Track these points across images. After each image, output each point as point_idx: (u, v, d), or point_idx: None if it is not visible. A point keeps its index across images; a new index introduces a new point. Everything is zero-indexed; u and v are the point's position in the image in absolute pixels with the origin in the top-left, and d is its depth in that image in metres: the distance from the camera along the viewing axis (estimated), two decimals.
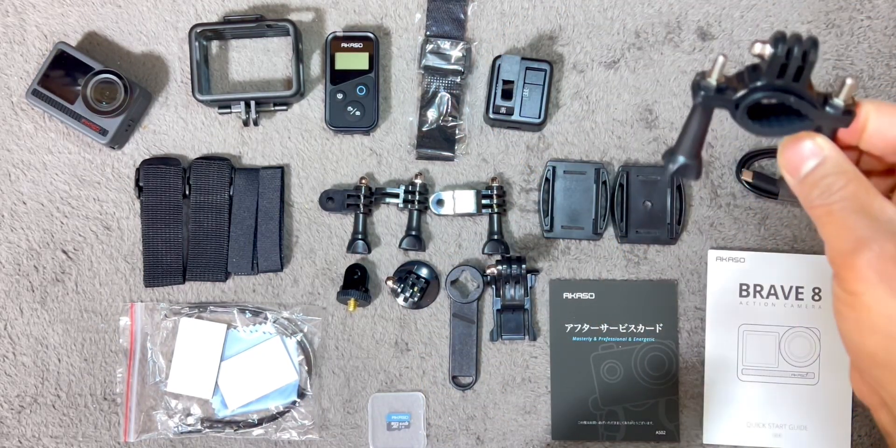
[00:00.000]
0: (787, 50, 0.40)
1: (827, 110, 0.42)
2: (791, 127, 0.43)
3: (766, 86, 0.41)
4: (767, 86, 0.41)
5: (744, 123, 0.43)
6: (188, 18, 0.86)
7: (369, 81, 0.85)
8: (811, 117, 0.42)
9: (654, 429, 0.83)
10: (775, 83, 0.41)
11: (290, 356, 0.84)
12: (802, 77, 0.41)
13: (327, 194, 0.85)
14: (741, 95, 0.42)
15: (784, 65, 0.40)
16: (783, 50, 0.40)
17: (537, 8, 0.86)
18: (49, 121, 0.86)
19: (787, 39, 0.40)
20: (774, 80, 0.41)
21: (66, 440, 0.84)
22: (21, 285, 0.85)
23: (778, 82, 0.41)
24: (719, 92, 0.42)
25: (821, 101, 0.42)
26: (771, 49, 0.40)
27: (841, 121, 0.42)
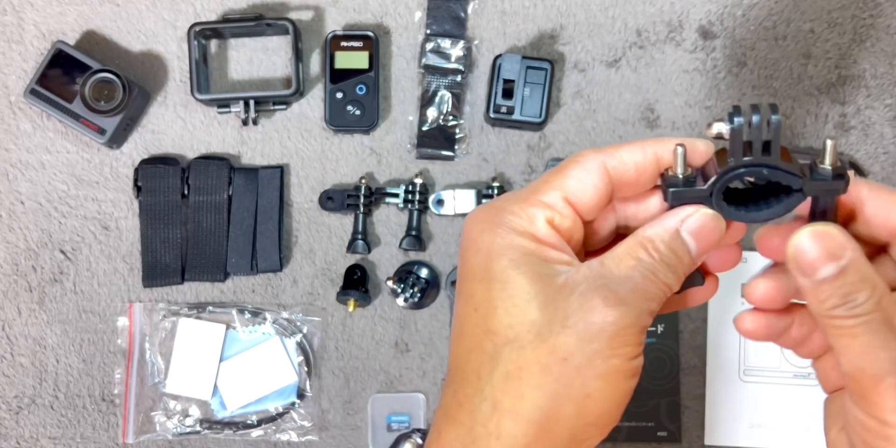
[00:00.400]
0: (748, 122, 0.36)
1: (815, 177, 0.37)
2: (783, 205, 0.38)
3: (736, 165, 0.37)
4: (737, 165, 0.37)
5: (726, 213, 0.38)
6: (187, 17, 0.86)
7: (369, 80, 0.84)
8: (799, 188, 0.37)
9: (655, 430, 0.83)
10: (743, 160, 0.37)
11: (289, 357, 0.84)
12: (773, 148, 0.36)
13: (327, 194, 0.84)
14: (713, 181, 0.37)
15: (748, 141, 0.36)
16: (741, 123, 0.36)
17: (538, 7, 0.86)
18: (47, 120, 0.86)
19: (744, 112, 0.36)
20: (742, 158, 0.37)
21: (65, 441, 0.84)
22: (19, 285, 0.85)
23: (748, 159, 0.37)
24: (688, 185, 0.38)
25: (806, 170, 0.37)
26: (728, 125, 0.36)
27: (834, 187, 0.37)
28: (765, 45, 0.85)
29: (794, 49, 0.85)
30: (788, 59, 0.85)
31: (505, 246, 0.37)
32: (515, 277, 0.37)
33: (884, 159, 0.85)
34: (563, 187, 0.39)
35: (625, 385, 0.36)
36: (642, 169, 0.39)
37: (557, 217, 0.38)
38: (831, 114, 0.85)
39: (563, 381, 0.35)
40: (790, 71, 0.85)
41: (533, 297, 0.36)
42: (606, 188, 0.39)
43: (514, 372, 0.36)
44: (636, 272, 0.36)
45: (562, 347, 0.35)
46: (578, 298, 0.36)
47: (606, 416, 0.36)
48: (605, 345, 0.35)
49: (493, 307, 0.37)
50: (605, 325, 0.35)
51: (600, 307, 0.35)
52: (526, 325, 0.36)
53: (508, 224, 0.38)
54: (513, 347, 0.36)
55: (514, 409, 0.35)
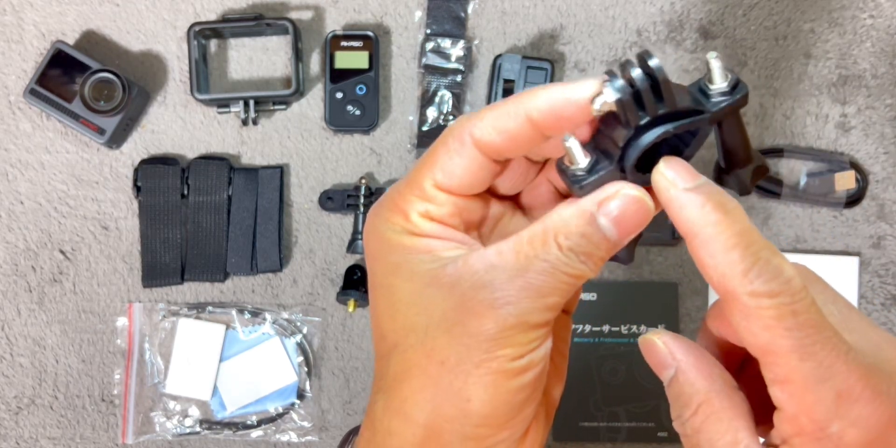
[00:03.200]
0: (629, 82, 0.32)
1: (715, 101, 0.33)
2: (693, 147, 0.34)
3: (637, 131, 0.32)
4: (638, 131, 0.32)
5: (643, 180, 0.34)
6: (187, 17, 0.86)
7: (369, 80, 0.84)
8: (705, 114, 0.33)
9: (656, 430, 0.83)
10: (641, 124, 0.32)
11: (289, 357, 0.83)
12: (664, 94, 0.32)
13: (327, 194, 0.84)
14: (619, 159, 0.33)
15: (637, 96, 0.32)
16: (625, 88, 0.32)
17: (538, 6, 0.86)
18: (47, 120, 0.85)
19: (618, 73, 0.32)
20: (640, 120, 0.32)
21: (64, 441, 0.84)
22: (18, 286, 0.85)
23: (644, 120, 0.32)
24: (593, 171, 0.33)
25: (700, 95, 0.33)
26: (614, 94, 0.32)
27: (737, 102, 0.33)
28: (765, 44, 0.85)
29: (795, 49, 0.85)
30: (789, 58, 0.85)
31: (383, 249, 0.36)
32: (395, 282, 0.35)
33: (884, 159, 0.85)
34: (432, 173, 0.35)
35: (507, 385, 0.33)
36: (513, 136, 0.34)
37: (433, 208, 0.35)
38: (832, 114, 0.85)
39: (442, 385, 0.34)
40: (791, 71, 0.85)
41: (413, 300, 0.34)
42: (480, 161, 0.35)
43: (399, 374, 0.35)
44: (533, 265, 0.33)
45: (438, 351, 0.34)
46: (459, 297, 0.33)
47: (496, 417, 0.34)
48: (481, 349, 0.33)
49: (379, 313, 0.36)
50: (481, 329, 0.33)
51: (478, 309, 0.33)
52: (407, 329, 0.35)
53: (384, 224, 0.36)
54: (397, 351, 0.35)
55: (400, 409, 0.35)
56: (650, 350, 0.36)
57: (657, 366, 0.36)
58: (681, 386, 0.34)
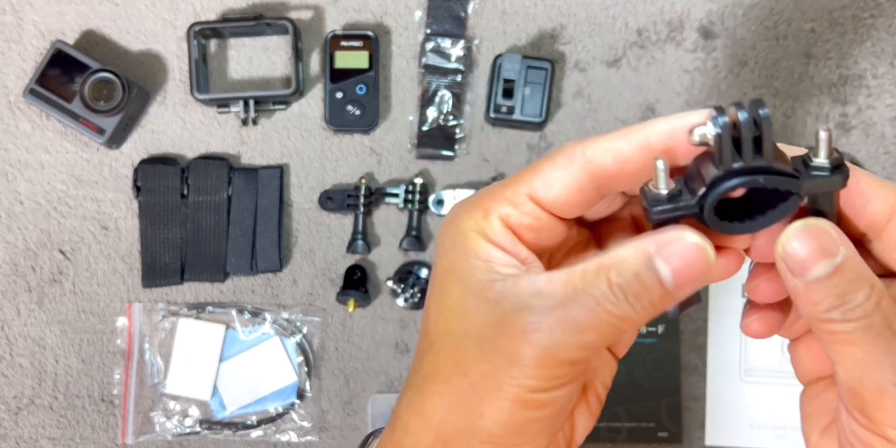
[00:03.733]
0: (733, 123, 0.31)
1: (812, 174, 0.32)
2: (780, 210, 0.33)
3: (725, 174, 0.32)
4: (727, 174, 0.32)
5: (720, 227, 0.33)
6: (187, 17, 0.86)
7: (369, 80, 0.84)
8: (796, 190, 0.33)
9: (656, 430, 0.83)
10: (734, 167, 0.32)
11: (289, 357, 0.83)
12: (765, 148, 0.31)
13: (327, 194, 0.84)
14: (701, 196, 0.32)
15: (736, 142, 0.31)
16: (727, 124, 0.31)
17: (538, 6, 0.86)
18: (46, 120, 0.85)
19: (728, 112, 0.31)
20: (732, 165, 0.32)
21: (64, 442, 0.84)
22: (18, 286, 0.85)
23: (737, 165, 0.32)
24: (672, 201, 0.33)
25: (801, 167, 0.33)
26: (714, 129, 0.31)
27: (834, 182, 0.33)
28: (766, 44, 0.85)
29: (795, 49, 0.85)
30: (789, 58, 0.85)
31: (451, 244, 0.35)
32: (448, 281, 0.35)
33: (885, 159, 0.85)
34: (531, 181, 0.35)
35: (522, 414, 0.33)
36: (626, 159, 0.34)
37: (514, 214, 0.35)
38: (832, 114, 0.85)
39: (460, 395, 0.33)
40: (791, 71, 0.85)
41: (457, 304, 0.34)
42: (582, 182, 0.34)
43: (429, 374, 0.35)
44: (577, 299, 0.32)
45: (465, 362, 0.33)
46: (498, 316, 0.33)
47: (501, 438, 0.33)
48: (505, 372, 0.32)
49: (429, 310, 0.36)
50: (509, 352, 0.32)
51: (513, 332, 0.32)
52: (445, 333, 0.34)
53: (464, 219, 0.35)
54: (432, 351, 0.35)
55: (420, 408, 0.35)
56: (803, 235, 0.32)
57: (809, 258, 0.32)
58: (849, 272, 0.32)
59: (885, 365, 0.32)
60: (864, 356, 0.32)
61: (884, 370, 0.32)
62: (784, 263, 0.32)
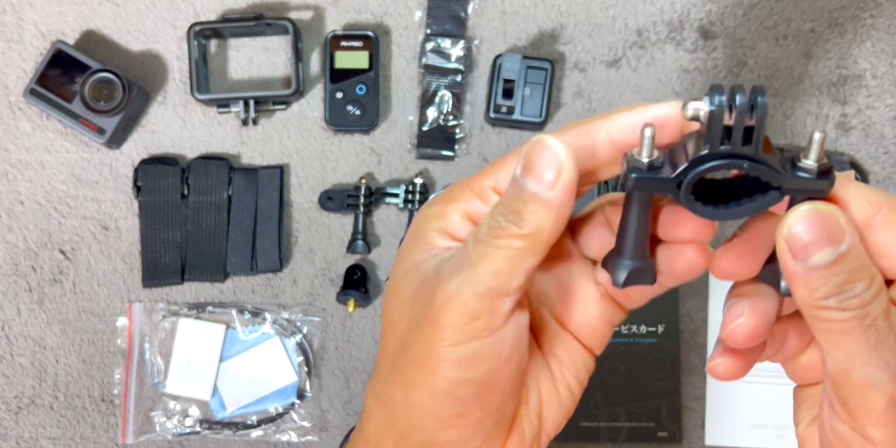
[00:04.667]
0: (729, 104, 0.31)
1: (797, 174, 0.32)
2: (757, 203, 0.33)
3: (710, 154, 0.31)
4: (711, 154, 0.31)
5: (692, 207, 0.32)
6: (187, 17, 0.86)
7: (369, 80, 0.84)
8: (778, 186, 0.32)
9: (656, 430, 0.83)
10: (720, 149, 0.31)
11: (289, 357, 0.83)
12: (755, 137, 0.31)
13: (327, 194, 0.84)
14: (681, 170, 0.32)
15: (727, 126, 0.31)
16: (722, 104, 0.31)
17: (538, 6, 0.86)
18: (47, 120, 0.85)
19: (725, 92, 0.31)
20: (720, 146, 0.31)
21: (64, 441, 0.84)
22: (18, 286, 0.85)
23: (724, 148, 0.31)
24: (653, 170, 0.32)
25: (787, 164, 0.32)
26: (708, 106, 0.31)
27: (817, 187, 0.32)
28: (765, 44, 0.85)
29: (795, 49, 0.85)
30: (789, 58, 0.85)
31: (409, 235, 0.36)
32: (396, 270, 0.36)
33: (884, 159, 0.85)
34: (495, 175, 0.35)
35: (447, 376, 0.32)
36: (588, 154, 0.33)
37: (480, 206, 0.35)
38: (832, 114, 0.85)
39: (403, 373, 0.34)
40: (791, 71, 0.85)
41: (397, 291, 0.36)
42: None
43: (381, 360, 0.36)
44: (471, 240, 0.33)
45: (405, 341, 0.34)
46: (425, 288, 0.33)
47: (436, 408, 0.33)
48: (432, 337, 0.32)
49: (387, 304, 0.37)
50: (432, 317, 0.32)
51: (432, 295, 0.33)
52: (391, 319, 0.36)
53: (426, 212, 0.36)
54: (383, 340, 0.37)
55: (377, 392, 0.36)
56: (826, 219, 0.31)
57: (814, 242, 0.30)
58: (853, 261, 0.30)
59: (874, 359, 0.30)
60: (855, 348, 0.31)
61: (872, 364, 0.31)
62: (786, 245, 0.31)
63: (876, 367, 0.30)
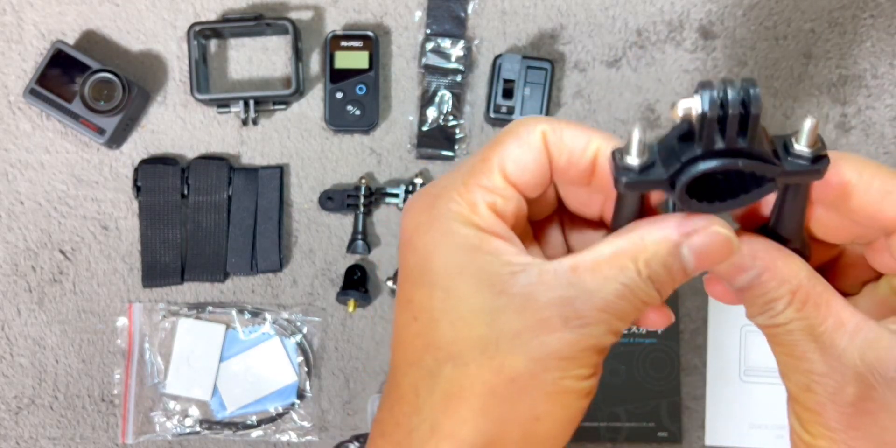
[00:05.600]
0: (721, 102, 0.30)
1: (792, 162, 0.31)
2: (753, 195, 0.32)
3: (704, 154, 0.31)
4: (705, 154, 0.31)
5: (688, 205, 0.32)
6: (187, 17, 0.86)
7: (369, 80, 0.84)
8: (772, 177, 0.32)
9: (656, 430, 0.83)
10: (714, 148, 0.30)
11: (289, 357, 0.83)
12: (749, 132, 0.30)
13: (327, 194, 0.84)
14: (674, 173, 0.31)
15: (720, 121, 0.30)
16: (714, 103, 0.30)
17: (538, 6, 0.86)
18: (47, 120, 0.85)
19: (716, 87, 0.30)
20: (714, 145, 0.30)
21: (64, 441, 0.84)
22: (18, 286, 0.85)
23: (718, 146, 0.30)
24: (643, 173, 0.31)
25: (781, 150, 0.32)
26: (700, 106, 0.30)
27: (811, 173, 0.32)
28: (765, 44, 0.85)
29: (795, 49, 0.85)
30: (789, 58, 0.85)
31: (444, 243, 0.32)
32: (460, 284, 0.32)
33: (884, 159, 0.85)
34: (503, 165, 0.33)
35: (576, 406, 0.33)
36: (576, 160, 0.34)
37: (500, 201, 0.33)
38: (832, 114, 0.85)
39: (510, 404, 0.32)
40: (791, 71, 0.85)
41: (480, 308, 0.32)
42: (547, 164, 0.34)
43: (455, 392, 0.32)
44: (611, 286, 0.32)
45: (510, 367, 0.31)
46: (534, 313, 0.31)
47: (556, 439, 0.33)
48: (557, 366, 0.32)
49: (433, 318, 0.32)
50: (560, 347, 0.31)
51: (559, 326, 0.31)
52: (472, 341, 0.32)
53: (447, 215, 0.33)
54: (455, 364, 0.32)
55: (454, 433, 0.32)
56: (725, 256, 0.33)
57: (731, 271, 0.33)
58: (765, 284, 0.33)
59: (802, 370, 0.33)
60: (787, 360, 0.33)
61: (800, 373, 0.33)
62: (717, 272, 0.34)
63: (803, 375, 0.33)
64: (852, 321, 0.32)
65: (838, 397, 0.32)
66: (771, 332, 0.33)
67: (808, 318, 0.32)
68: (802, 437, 0.35)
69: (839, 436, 0.33)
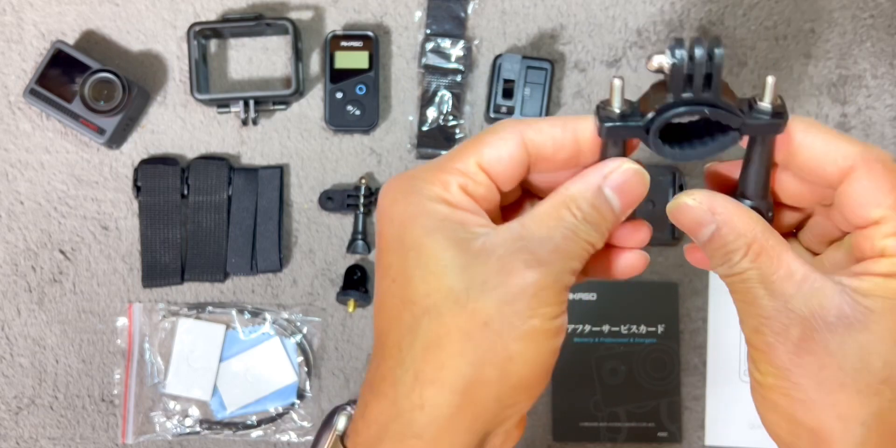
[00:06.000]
0: (689, 56, 0.34)
1: (754, 116, 0.36)
2: (718, 143, 0.37)
3: (674, 102, 0.35)
4: (675, 102, 0.35)
5: (661, 150, 0.37)
6: (187, 17, 0.86)
7: (369, 80, 0.84)
8: (737, 127, 0.36)
9: (655, 430, 0.83)
10: (683, 97, 0.35)
11: (289, 357, 0.83)
12: (714, 83, 0.35)
13: (327, 194, 0.84)
14: (649, 118, 0.36)
15: (689, 74, 0.35)
16: (683, 56, 0.34)
17: (538, 6, 0.86)
18: (47, 120, 0.85)
19: (686, 44, 0.34)
20: (682, 95, 0.35)
21: (64, 442, 0.84)
22: (18, 286, 0.85)
23: (686, 95, 0.35)
24: (623, 119, 0.36)
25: (745, 107, 0.36)
26: (670, 59, 0.34)
27: (772, 126, 0.36)
28: (765, 44, 0.85)
29: (795, 49, 0.85)
30: (789, 58, 0.85)
31: (417, 213, 0.36)
32: (429, 244, 0.36)
33: None
34: (479, 155, 0.38)
35: (546, 345, 0.36)
36: (560, 145, 0.38)
37: (471, 184, 0.37)
38: (832, 114, 0.85)
39: (484, 346, 0.35)
40: (791, 71, 0.85)
41: (449, 262, 0.35)
42: (523, 159, 0.38)
43: (433, 340, 0.35)
44: (557, 232, 0.36)
45: (481, 312, 0.35)
46: (497, 261, 0.35)
47: (531, 379, 0.36)
48: (525, 306, 0.35)
49: (408, 277, 0.36)
50: (524, 287, 0.35)
51: (520, 269, 0.35)
52: (443, 292, 0.35)
53: (421, 191, 0.37)
54: (431, 316, 0.35)
55: (435, 378, 0.35)
56: (684, 212, 0.38)
57: (693, 225, 0.37)
58: (724, 237, 0.37)
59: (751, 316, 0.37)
60: (742, 306, 0.37)
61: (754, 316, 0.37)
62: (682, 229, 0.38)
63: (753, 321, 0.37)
64: (800, 272, 0.36)
65: (784, 338, 0.36)
66: (729, 280, 0.37)
67: (761, 268, 0.36)
68: (755, 375, 0.39)
69: (784, 373, 0.37)
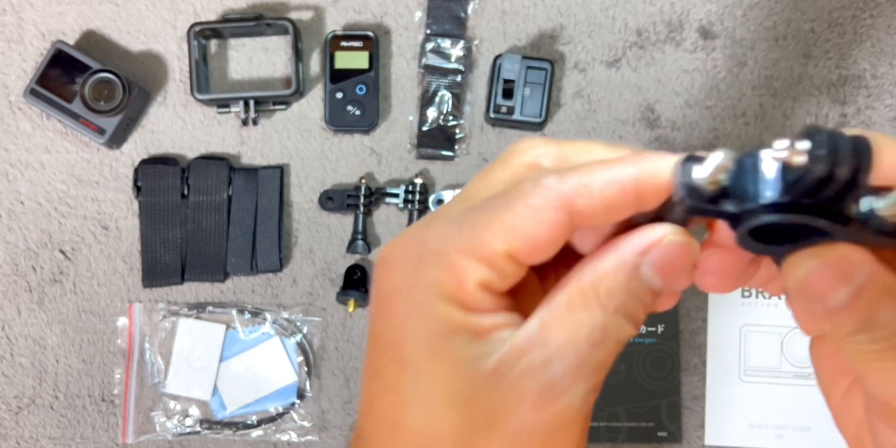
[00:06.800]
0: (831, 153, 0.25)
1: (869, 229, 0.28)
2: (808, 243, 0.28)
3: (788, 205, 0.27)
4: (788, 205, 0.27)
5: (746, 244, 0.29)
6: (187, 17, 0.86)
7: (369, 80, 0.84)
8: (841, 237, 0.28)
9: (655, 430, 0.83)
10: (803, 201, 0.27)
11: (289, 357, 0.83)
12: (845, 199, 0.27)
13: (327, 194, 0.84)
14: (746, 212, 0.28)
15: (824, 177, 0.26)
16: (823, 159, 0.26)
17: (538, 6, 0.86)
18: (47, 120, 0.85)
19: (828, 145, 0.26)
20: (802, 199, 0.27)
21: (64, 441, 0.84)
22: (19, 286, 0.85)
23: (805, 201, 0.27)
24: (713, 202, 0.28)
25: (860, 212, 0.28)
26: (806, 162, 0.26)
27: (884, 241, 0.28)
28: (765, 45, 0.85)
29: (795, 49, 0.85)
30: (789, 59, 0.85)
31: (422, 316, 0.29)
32: (433, 368, 0.29)
33: None
34: (509, 236, 0.29)
35: None
36: (618, 207, 0.29)
37: (496, 279, 0.29)
38: (832, 114, 0.85)
39: None
40: (790, 71, 0.85)
41: (452, 396, 0.29)
42: (565, 234, 0.29)
43: None
44: (582, 334, 0.28)
45: None
46: (511, 388, 0.28)
47: None
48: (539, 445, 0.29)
49: (403, 402, 0.30)
50: (539, 427, 0.28)
51: (535, 402, 0.28)
52: (442, 431, 0.29)
53: (429, 285, 0.29)
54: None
55: None
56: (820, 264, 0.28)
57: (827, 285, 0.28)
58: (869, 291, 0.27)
59: None
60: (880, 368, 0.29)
61: None
62: (801, 293, 0.28)
63: None
64: None
65: None
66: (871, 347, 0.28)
67: None
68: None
69: None
